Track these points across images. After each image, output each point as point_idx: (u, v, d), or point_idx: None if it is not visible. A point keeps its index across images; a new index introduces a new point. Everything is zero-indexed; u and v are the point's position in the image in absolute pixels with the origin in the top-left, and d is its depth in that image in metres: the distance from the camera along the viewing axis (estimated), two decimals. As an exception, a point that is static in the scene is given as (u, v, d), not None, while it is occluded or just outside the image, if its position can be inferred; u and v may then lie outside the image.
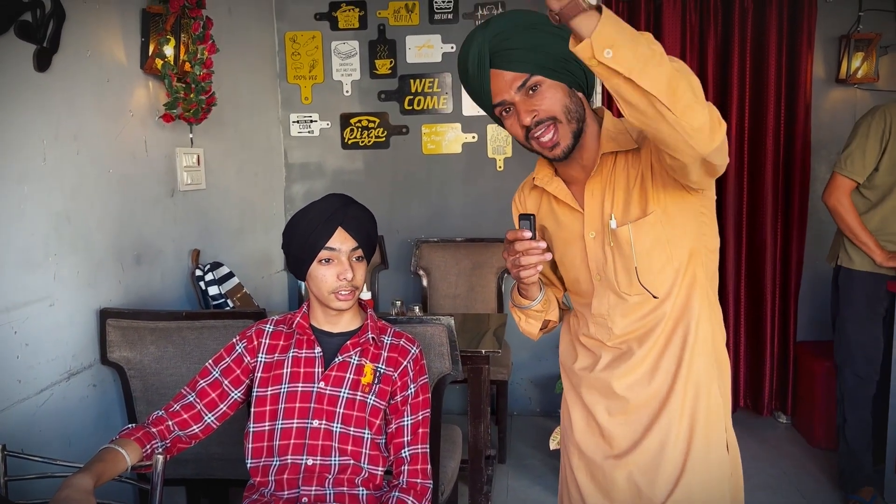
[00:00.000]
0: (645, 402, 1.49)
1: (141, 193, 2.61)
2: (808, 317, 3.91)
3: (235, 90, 3.41)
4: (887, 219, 2.87)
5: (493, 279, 3.81)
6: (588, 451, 1.58)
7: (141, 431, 1.56)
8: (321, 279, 1.66)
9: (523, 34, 1.32)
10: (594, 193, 1.45)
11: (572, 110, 1.37)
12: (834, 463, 3.36)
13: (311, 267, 1.67)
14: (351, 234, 1.67)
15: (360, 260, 1.70)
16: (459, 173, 4.03)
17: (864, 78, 3.64)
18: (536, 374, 4.10)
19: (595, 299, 1.52)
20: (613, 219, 1.42)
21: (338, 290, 1.65)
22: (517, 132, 1.39)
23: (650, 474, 1.48)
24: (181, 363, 2.30)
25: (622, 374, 1.50)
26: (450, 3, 3.90)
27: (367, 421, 1.66)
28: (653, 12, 3.70)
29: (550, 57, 1.32)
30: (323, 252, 1.65)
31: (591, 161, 1.46)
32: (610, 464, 1.53)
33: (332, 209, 1.67)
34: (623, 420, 1.51)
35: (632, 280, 1.44)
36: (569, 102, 1.36)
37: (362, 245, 1.69)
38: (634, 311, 1.47)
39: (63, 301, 2.18)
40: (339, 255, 1.66)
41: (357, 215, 1.70)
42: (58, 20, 2.13)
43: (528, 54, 1.31)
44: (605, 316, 1.51)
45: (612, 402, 1.53)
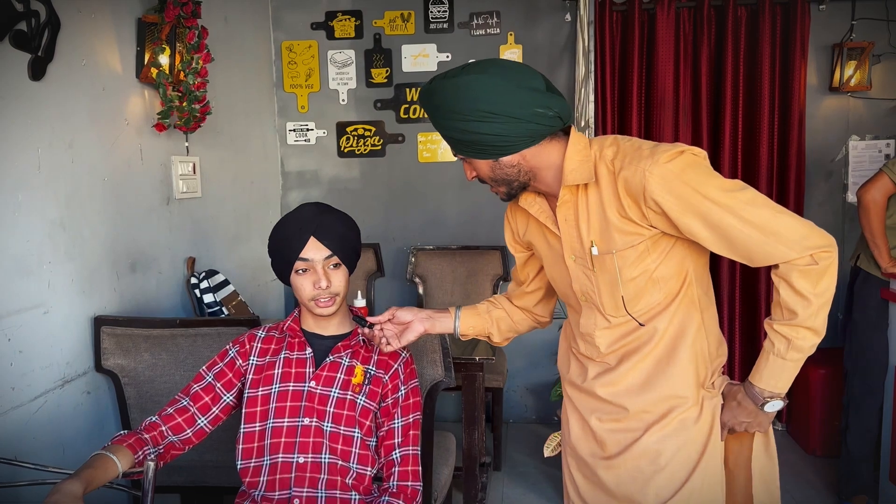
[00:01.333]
0: (638, 412, 1.50)
1: (136, 201, 2.62)
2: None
3: (232, 99, 3.43)
4: None
5: (489, 286, 3.81)
6: (582, 453, 1.61)
7: (133, 438, 1.56)
8: (300, 288, 1.69)
9: (438, 122, 1.44)
10: (567, 219, 1.49)
11: (497, 177, 1.47)
12: (830, 470, 3.37)
13: (291, 277, 1.70)
14: (324, 242, 1.68)
15: (336, 267, 1.71)
16: (455, 181, 4.04)
17: (858, 86, 3.67)
18: (532, 381, 4.10)
19: (582, 318, 1.57)
20: (595, 246, 1.45)
21: (316, 298, 1.68)
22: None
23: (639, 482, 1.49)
24: (175, 370, 2.31)
25: (606, 383, 1.53)
26: (445, 13, 3.92)
27: (357, 421, 1.67)
28: (646, 21, 3.72)
29: (458, 143, 1.44)
30: (297, 262, 1.68)
31: (558, 191, 1.48)
32: (599, 464, 1.56)
33: (303, 220, 1.69)
34: (614, 427, 1.53)
35: (618, 306, 1.48)
36: (490, 172, 1.46)
37: (337, 252, 1.69)
38: (620, 330, 1.51)
39: (57, 308, 2.19)
40: (314, 264, 1.68)
41: (331, 223, 1.71)
42: (53, 29, 2.15)
43: (447, 138, 1.46)
44: (591, 335, 1.55)
45: (602, 410, 1.55)
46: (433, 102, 1.42)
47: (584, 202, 1.46)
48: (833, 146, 3.82)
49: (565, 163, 1.44)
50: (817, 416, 3.53)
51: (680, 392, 1.48)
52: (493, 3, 3.90)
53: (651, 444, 1.48)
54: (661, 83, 3.70)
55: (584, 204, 1.46)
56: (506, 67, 1.38)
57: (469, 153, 1.45)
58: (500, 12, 3.90)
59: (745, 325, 3.88)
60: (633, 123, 3.73)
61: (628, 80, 3.75)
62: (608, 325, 1.51)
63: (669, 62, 3.70)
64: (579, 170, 1.43)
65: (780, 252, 1.32)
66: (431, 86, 1.43)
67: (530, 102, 1.36)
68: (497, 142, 1.39)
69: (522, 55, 3.90)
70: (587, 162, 1.43)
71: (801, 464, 3.50)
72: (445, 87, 1.39)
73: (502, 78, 1.36)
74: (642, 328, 1.48)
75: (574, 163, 1.43)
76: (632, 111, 3.74)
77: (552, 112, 1.38)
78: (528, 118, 1.37)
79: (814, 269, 1.32)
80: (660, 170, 1.33)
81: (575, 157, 1.44)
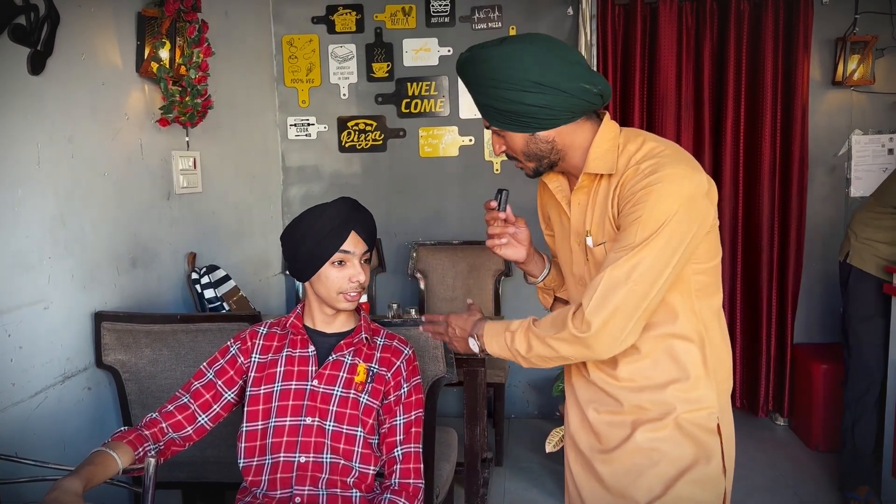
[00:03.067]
0: (633, 408, 1.48)
1: (137, 196, 2.61)
2: (806, 319, 3.91)
3: (232, 93, 3.42)
4: None
5: (491, 282, 3.81)
6: (581, 445, 1.60)
7: (133, 434, 1.55)
8: (333, 280, 1.67)
9: (479, 91, 1.44)
10: (579, 204, 1.50)
11: (530, 153, 1.46)
12: (833, 465, 3.37)
13: (322, 269, 1.67)
14: (362, 237, 1.70)
15: (366, 262, 1.74)
16: (456, 176, 4.03)
17: (861, 80, 3.65)
18: (534, 376, 4.09)
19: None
20: (590, 236, 1.47)
21: (347, 292, 1.68)
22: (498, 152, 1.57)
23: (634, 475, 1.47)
24: (176, 366, 2.30)
25: (607, 373, 1.51)
26: (447, 7, 3.91)
27: (360, 419, 1.66)
28: (649, 16, 3.71)
29: (498, 114, 1.43)
30: (337, 254, 1.67)
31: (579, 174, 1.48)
32: (598, 458, 1.54)
33: (346, 212, 1.70)
34: (610, 420, 1.51)
35: None
36: (524, 146, 1.45)
37: (370, 248, 1.74)
38: None
39: (58, 304, 2.18)
40: (352, 257, 1.68)
41: (366, 219, 1.74)
42: (52, 23, 2.14)
43: (484, 109, 1.46)
44: None
45: (600, 401, 1.53)
46: (476, 71, 1.41)
47: (596, 192, 1.45)
48: (836, 141, 3.80)
49: (592, 148, 1.44)
50: (819, 411, 3.52)
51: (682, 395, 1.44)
52: (495, -4, 3.88)
53: (646, 443, 1.45)
54: (664, 77, 3.68)
55: (595, 193, 1.46)
56: (552, 40, 1.39)
57: (507, 125, 1.43)
58: (501, 6, 3.88)
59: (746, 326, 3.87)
60: (636, 118, 3.72)
61: (630, 75, 3.73)
62: None
63: (672, 56, 3.68)
64: (603, 158, 1.42)
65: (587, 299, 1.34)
66: (473, 54, 1.41)
67: (577, 77, 1.37)
68: (540, 114, 1.38)
69: (524, 49, 3.87)
70: (612, 151, 1.42)
71: (803, 459, 3.50)
72: (492, 55, 1.37)
73: (549, 50, 1.36)
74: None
75: (601, 150, 1.43)
76: (634, 105, 3.73)
77: (596, 89, 1.38)
78: (574, 92, 1.36)
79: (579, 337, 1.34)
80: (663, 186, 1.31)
81: (603, 144, 1.43)
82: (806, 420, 3.63)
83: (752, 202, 3.75)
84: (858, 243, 3.01)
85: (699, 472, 1.44)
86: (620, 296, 1.31)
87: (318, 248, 1.66)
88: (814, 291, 3.87)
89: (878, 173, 3.74)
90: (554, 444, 3.01)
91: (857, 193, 3.80)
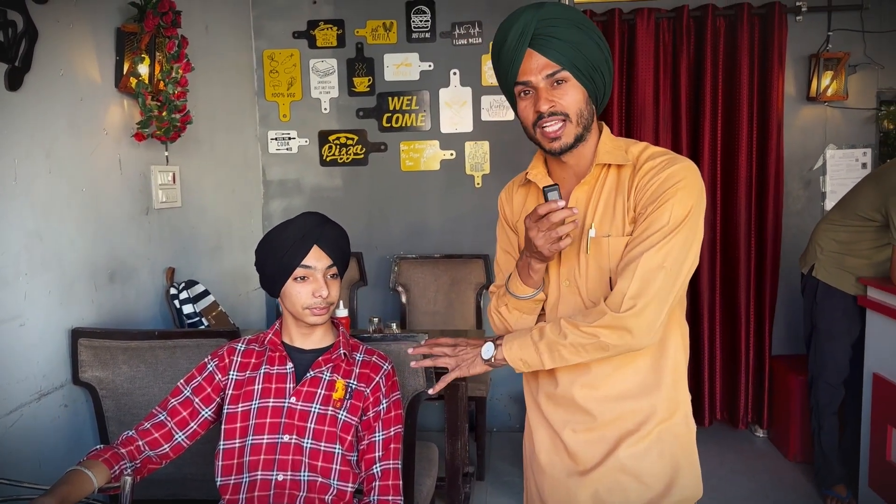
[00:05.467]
0: (611, 420, 1.48)
1: (115, 212, 2.60)
2: (784, 331, 3.95)
3: (212, 108, 3.41)
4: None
5: (472, 295, 3.81)
6: (553, 470, 1.56)
7: (109, 452, 1.54)
8: (296, 296, 1.68)
9: (570, 29, 1.37)
10: (579, 200, 1.48)
11: (584, 115, 1.42)
12: (810, 475, 3.40)
13: (286, 284, 1.68)
14: (326, 251, 1.69)
15: (335, 277, 1.73)
16: (438, 190, 4.05)
17: (834, 96, 3.71)
18: (516, 389, 4.09)
19: (562, 304, 1.52)
20: (593, 228, 1.44)
21: (312, 307, 1.68)
22: (528, 116, 1.44)
23: (617, 495, 1.47)
24: (154, 383, 2.29)
25: (586, 384, 1.49)
26: (427, 23, 3.93)
27: (339, 436, 1.66)
28: (627, 31, 3.75)
29: (585, 60, 1.38)
30: (298, 270, 1.67)
31: (583, 169, 1.50)
32: (574, 481, 1.52)
33: (308, 227, 1.70)
34: (588, 438, 1.50)
35: (601, 290, 1.45)
36: (583, 107, 1.42)
37: (337, 263, 1.72)
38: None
39: (34, 320, 2.16)
40: (315, 272, 1.68)
41: (332, 234, 1.73)
42: (30, 39, 2.13)
43: (567, 48, 1.36)
44: None
45: (577, 419, 1.51)
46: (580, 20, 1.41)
47: (601, 185, 1.47)
48: (811, 155, 3.86)
49: (601, 144, 1.48)
50: (797, 422, 3.56)
51: (658, 403, 1.46)
52: (475, 13, 3.91)
53: (628, 458, 1.46)
54: (642, 92, 3.72)
55: (600, 187, 1.47)
56: None
57: (585, 78, 1.40)
58: (481, 22, 3.91)
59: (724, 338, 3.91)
60: (614, 132, 3.71)
61: (609, 90, 3.76)
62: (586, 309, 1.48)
63: (649, 71, 3.73)
64: (613, 153, 1.46)
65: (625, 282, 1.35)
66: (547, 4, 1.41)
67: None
68: (601, 88, 1.44)
69: (504, 64, 3.91)
70: (620, 148, 1.48)
71: (782, 470, 3.53)
72: (564, 6, 1.41)
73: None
74: None
75: (609, 146, 1.48)
76: (613, 119, 3.77)
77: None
78: (608, 92, 1.47)
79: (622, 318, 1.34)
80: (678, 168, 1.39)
81: (609, 142, 1.49)
82: (784, 431, 3.67)
83: (729, 215, 3.79)
84: (824, 256, 3.07)
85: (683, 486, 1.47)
86: (659, 281, 1.33)
87: (281, 264, 1.68)
88: (790, 303, 3.92)
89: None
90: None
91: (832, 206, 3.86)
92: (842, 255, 3.02)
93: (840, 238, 3.02)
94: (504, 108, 3.93)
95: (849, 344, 3.07)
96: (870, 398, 2.94)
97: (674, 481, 1.47)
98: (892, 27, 3.68)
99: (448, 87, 3.97)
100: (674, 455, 1.48)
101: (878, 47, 3.71)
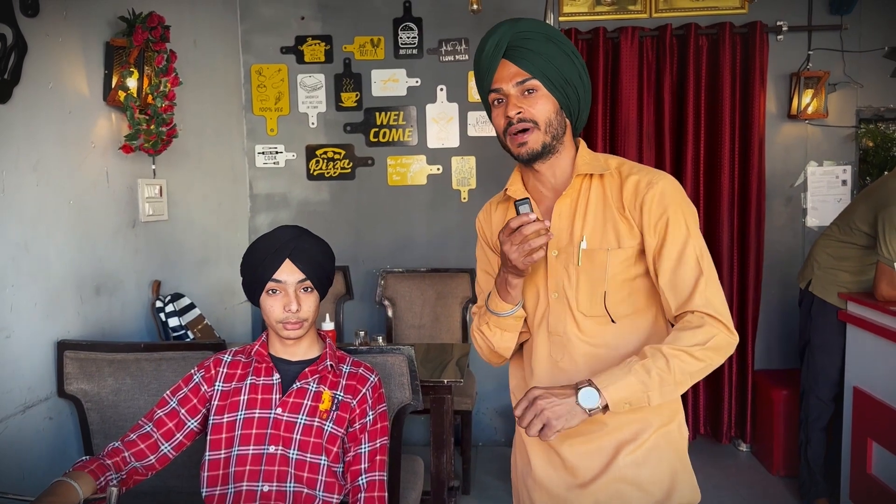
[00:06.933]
0: (610, 430, 1.47)
1: (102, 224, 2.60)
2: (766, 346, 3.99)
3: (200, 121, 3.43)
4: None
5: (458, 309, 3.83)
6: (551, 485, 1.55)
7: (95, 464, 1.54)
8: (269, 309, 1.69)
9: (543, 42, 1.44)
10: (562, 213, 1.50)
11: (553, 125, 1.46)
12: (794, 490, 3.43)
13: (262, 297, 1.70)
14: (299, 266, 1.69)
15: (309, 291, 1.71)
16: (424, 204, 4.07)
17: (815, 114, 3.78)
18: (501, 403, 4.11)
19: (552, 317, 1.51)
20: (585, 240, 1.46)
21: (284, 321, 1.68)
22: (499, 123, 1.49)
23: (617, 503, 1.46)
24: (139, 395, 2.28)
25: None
26: (415, 39, 3.97)
27: (324, 448, 1.66)
28: (611, 50, 3.81)
29: (557, 71, 1.44)
30: (270, 283, 1.68)
31: (562, 182, 1.52)
32: (575, 494, 1.51)
33: (280, 241, 1.70)
34: (587, 449, 1.49)
35: (593, 302, 1.46)
36: (553, 117, 1.45)
37: (311, 277, 1.70)
38: (591, 334, 1.48)
39: (20, 333, 2.16)
40: (286, 286, 1.68)
41: (307, 247, 1.72)
42: (20, 52, 2.14)
43: (538, 59, 1.43)
44: (560, 334, 1.51)
45: (575, 432, 1.49)
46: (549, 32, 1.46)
47: (585, 197, 1.49)
48: (792, 172, 3.92)
49: (579, 156, 1.52)
50: (780, 437, 3.59)
51: (655, 410, 1.47)
52: (462, 30, 3.96)
53: (628, 466, 1.46)
54: (625, 110, 3.78)
55: (584, 199, 1.49)
56: None
57: (554, 87, 1.45)
58: (468, 39, 3.96)
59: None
60: (598, 149, 3.80)
61: (593, 107, 3.81)
62: (576, 323, 1.48)
63: (633, 89, 3.78)
64: (591, 163, 1.50)
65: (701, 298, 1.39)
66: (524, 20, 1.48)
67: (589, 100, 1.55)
68: (574, 101, 1.48)
69: (491, 81, 3.95)
70: (597, 160, 1.51)
71: (765, 484, 3.55)
72: (539, 22, 1.48)
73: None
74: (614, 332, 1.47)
75: (587, 157, 1.52)
76: (597, 136, 3.81)
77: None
78: (585, 109, 1.53)
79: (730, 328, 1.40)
80: (667, 182, 1.44)
81: (586, 154, 1.53)
82: (767, 445, 3.69)
83: (711, 231, 3.84)
84: (821, 272, 3.11)
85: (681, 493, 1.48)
86: (716, 282, 1.41)
87: (255, 277, 1.70)
88: (773, 318, 3.96)
89: (833, 203, 3.87)
90: (520, 471, 3.02)
91: (813, 223, 3.92)
92: (835, 271, 3.05)
93: (834, 253, 3.06)
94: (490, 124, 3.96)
95: (840, 359, 3.09)
96: (850, 411, 2.97)
97: (673, 487, 1.48)
98: (871, 47, 3.77)
99: (435, 102, 4.00)
100: (671, 461, 1.49)
101: (857, 66, 3.79)
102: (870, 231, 2.91)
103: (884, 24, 3.77)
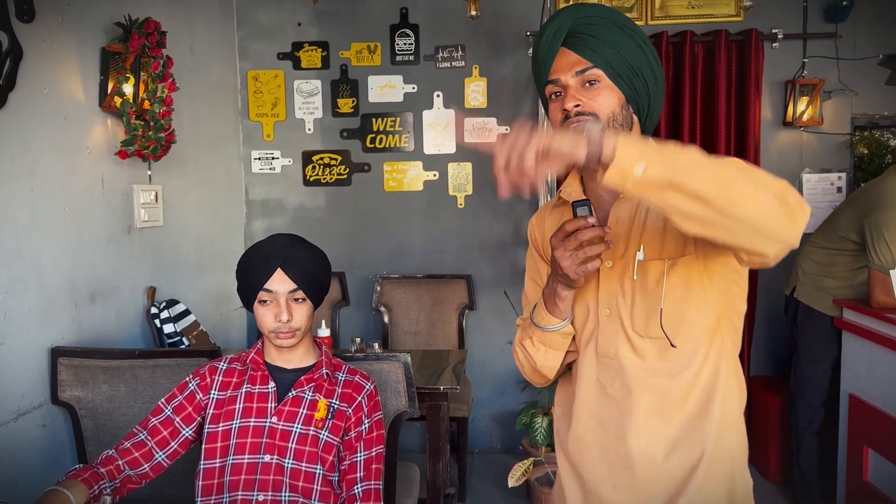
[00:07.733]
0: (660, 479, 1.30)
1: (96, 230, 2.59)
2: (761, 352, 3.99)
3: (196, 127, 3.42)
4: None
5: (454, 315, 3.83)
6: None
7: (88, 472, 1.53)
8: (261, 319, 1.69)
9: (608, 28, 1.27)
10: (620, 219, 1.33)
11: (617, 120, 1.28)
12: (789, 497, 3.42)
13: (254, 306, 1.70)
14: (290, 275, 1.67)
15: (301, 301, 1.69)
16: (421, 210, 4.07)
17: (810, 121, 3.79)
18: (497, 410, 4.10)
19: (601, 336, 1.35)
20: (642, 250, 1.29)
21: (276, 331, 1.67)
22: (556, 118, 1.31)
23: None
24: (134, 402, 2.27)
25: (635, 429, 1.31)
26: (411, 46, 3.98)
27: (320, 457, 1.66)
28: (608, 56, 3.81)
29: (622, 60, 1.27)
30: (261, 293, 1.67)
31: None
32: None
33: (272, 250, 1.69)
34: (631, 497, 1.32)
35: (650, 321, 1.30)
36: (617, 111, 1.28)
37: (303, 287, 1.68)
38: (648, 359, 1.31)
39: (13, 339, 2.15)
40: (277, 296, 1.67)
41: (300, 257, 1.70)
42: (15, 58, 2.14)
43: (602, 47, 1.26)
44: (611, 357, 1.33)
45: (619, 477, 1.33)
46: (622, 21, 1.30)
47: (644, 204, 1.30)
48: (787, 179, 3.84)
49: None
50: (775, 444, 3.58)
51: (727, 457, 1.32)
52: (459, 37, 3.96)
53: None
54: (622, 116, 3.77)
55: (643, 205, 1.31)
56: None
57: (621, 80, 1.28)
58: (465, 46, 3.96)
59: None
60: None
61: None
62: (631, 344, 1.31)
63: (630, 96, 3.78)
64: None
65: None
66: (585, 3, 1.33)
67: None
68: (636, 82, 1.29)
69: (487, 88, 3.96)
70: None
71: (761, 490, 3.53)
72: (603, 6, 1.30)
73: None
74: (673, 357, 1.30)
75: None
76: (594, 143, 3.81)
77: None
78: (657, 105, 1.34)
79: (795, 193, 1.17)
80: None
81: None
82: (763, 452, 3.69)
83: (708, 238, 3.84)
84: (805, 278, 3.12)
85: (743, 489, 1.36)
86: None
87: (247, 286, 1.69)
88: (766, 326, 3.96)
89: (829, 210, 3.86)
90: (517, 478, 3.02)
91: (808, 230, 3.92)
92: (821, 277, 3.07)
93: (820, 259, 3.08)
94: (486, 130, 3.97)
95: (828, 365, 3.10)
96: (846, 419, 2.97)
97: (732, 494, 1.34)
98: (866, 55, 3.78)
99: (431, 108, 4.01)
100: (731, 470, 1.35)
101: (851, 74, 3.80)
102: (856, 238, 2.92)
103: (878, 32, 3.78)
